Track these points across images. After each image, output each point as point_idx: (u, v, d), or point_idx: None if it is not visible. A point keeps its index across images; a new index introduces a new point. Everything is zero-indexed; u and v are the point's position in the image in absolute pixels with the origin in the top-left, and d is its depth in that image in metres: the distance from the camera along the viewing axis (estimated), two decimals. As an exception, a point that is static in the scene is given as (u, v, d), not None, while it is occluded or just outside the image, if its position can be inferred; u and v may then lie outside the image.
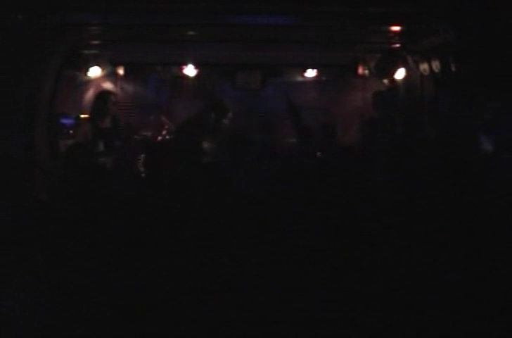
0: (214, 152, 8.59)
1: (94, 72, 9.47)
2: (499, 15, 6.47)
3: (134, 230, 3.96)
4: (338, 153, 6.85)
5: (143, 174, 6.53)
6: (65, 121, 9.26)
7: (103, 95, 8.57)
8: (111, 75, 10.15)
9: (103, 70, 9.60)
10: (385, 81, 9.92)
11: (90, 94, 9.92)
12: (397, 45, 9.09)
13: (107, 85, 10.26)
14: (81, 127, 8.49)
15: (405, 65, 9.40)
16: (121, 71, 10.19)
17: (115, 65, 10.00)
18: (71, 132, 9.25)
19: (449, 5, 6.53)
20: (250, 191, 5.10)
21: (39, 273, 3.63)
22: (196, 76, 10.44)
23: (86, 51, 9.16)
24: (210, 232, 4.02)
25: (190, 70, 10.31)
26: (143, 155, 7.51)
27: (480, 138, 7.27)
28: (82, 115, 9.36)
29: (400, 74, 9.50)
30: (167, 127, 10.21)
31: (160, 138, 9.97)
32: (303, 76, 10.65)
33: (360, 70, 10.14)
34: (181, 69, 10.34)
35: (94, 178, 4.71)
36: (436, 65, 8.42)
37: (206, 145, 9.27)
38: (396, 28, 7.95)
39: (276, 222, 4.37)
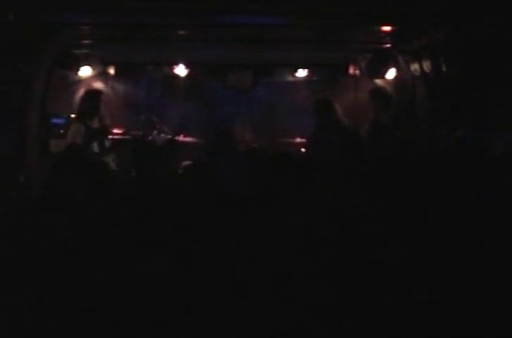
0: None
1: (85, 71, 9.45)
2: (489, 15, 6.49)
3: (131, 232, 3.94)
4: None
5: (133, 174, 6.51)
6: (56, 121, 9.24)
7: (90, 94, 8.53)
8: (102, 75, 10.13)
9: (94, 69, 9.59)
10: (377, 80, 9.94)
11: (81, 93, 9.91)
12: (388, 45, 9.11)
13: (98, 85, 10.24)
14: (70, 126, 8.44)
15: (396, 65, 9.42)
16: (112, 71, 10.16)
17: (106, 64, 9.98)
18: (62, 131, 9.23)
19: (439, 6, 6.54)
20: (238, 191, 5.08)
21: (32, 276, 3.61)
22: (187, 76, 10.43)
23: (77, 51, 9.13)
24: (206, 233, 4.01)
25: (181, 70, 10.30)
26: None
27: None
28: (73, 115, 9.34)
29: (391, 74, 9.52)
30: (157, 126, 10.21)
31: (150, 137, 9.96)
32: (294, 76, 10.66)
33: (351, 70, 10.15)
34: (172, 69, 10.33)
35: (88, 178, 4.70)
36: (427, 65, 8.45)
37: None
38: (387, 28, 7.96)
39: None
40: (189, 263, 3.80)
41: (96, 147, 7.94)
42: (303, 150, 9.31)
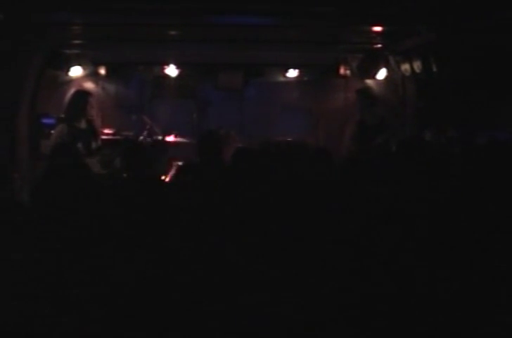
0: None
1: (76, 71, 9.42)
2: (480, 16, 6.51)
3: (123, 233, 3.95)
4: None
5: (124, 175, 6.49)
6: (46, 121, 9.22)
7: (77, 94, 8.48)
8: (93, 75, 10.10)
9: (84, 69, 9.55)
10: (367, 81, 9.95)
11: (71, 93, 9.90)
12: (379, 45, 9.13)
13: (89, 85, 10.23)
14: (57, 127, 8.39)
15: (387, 65, 9.43)
16: (103, 71, 10.13)
17: (97, 64, 9.95)
18: (52, 132, 9.22)
19: (430, 6, 6.56)
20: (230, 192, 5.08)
21: (22, 278, 3.61)
22: (178, 76, 10.43)
23: (67, 51, 9.11)
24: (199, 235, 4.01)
25: (172, 70, 10.29)
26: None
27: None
28: (63, 115, 9.34)
29: (382, 74, 9.53)
30: (148, 127, 10.18)
31: (141, 138, 9.94)
32: (285, 76, 10.66)
33: (342, 70, 10.16)
34: (163, 69, 10.32)
35: (78, 179, 4.69)
36: (417, 66, 8.47)
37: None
38: (378, 28, 7.98)
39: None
40: (177, 262, 3.81)
41: (81, 148, 7.86)
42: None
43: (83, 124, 8.01)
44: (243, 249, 3.93)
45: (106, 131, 9.95)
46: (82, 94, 8.33)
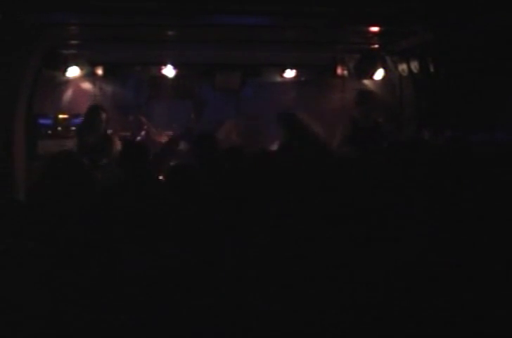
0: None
1: (73, 72, 9.41)
2: (478, 16, 6.52)
3: (118, 234, 3.95)
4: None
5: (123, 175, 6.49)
6: (43, 121, 9.22)
7: (90, 109, 8.44)
8: (90, 75, 10.09)
9: (81, 69, 9.54)
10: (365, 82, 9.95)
11: (68, 94, 9.90)
12: (376, 45, 9.13)
13: (86, 85, 10.22)
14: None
15: (384, 65, 9.43)
16: (100, 71, 10.12)
17: (94, 64, 9.94)
18: (49, 132, 9.22)
19: (427, 6, 6.56)
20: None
21: (18, 278, 3.61)
22: (175, 76, 10.42)
23: (64, 51, 9.10)
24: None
25: (169, 71, 10.29)
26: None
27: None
28: (60, 116, 9.33)
29: (379, 74, 9.53)
30: (145, 127, 10.19)
31: (138, 138, 9.94)
32: (282, 76, 10.66)
33: (339, 71, 10.16)
34: (160, 69, 10.31)
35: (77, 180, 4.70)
36: (415, 66, 8.47)
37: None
38: (375, 29, 7.98)
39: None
40: (176, 261, 3.81)
41: (86, 162, 7.78)
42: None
43: (94, 139, 7.96)
44: (239, 249, 3.93)
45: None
46: (93, 109, 8.30)
